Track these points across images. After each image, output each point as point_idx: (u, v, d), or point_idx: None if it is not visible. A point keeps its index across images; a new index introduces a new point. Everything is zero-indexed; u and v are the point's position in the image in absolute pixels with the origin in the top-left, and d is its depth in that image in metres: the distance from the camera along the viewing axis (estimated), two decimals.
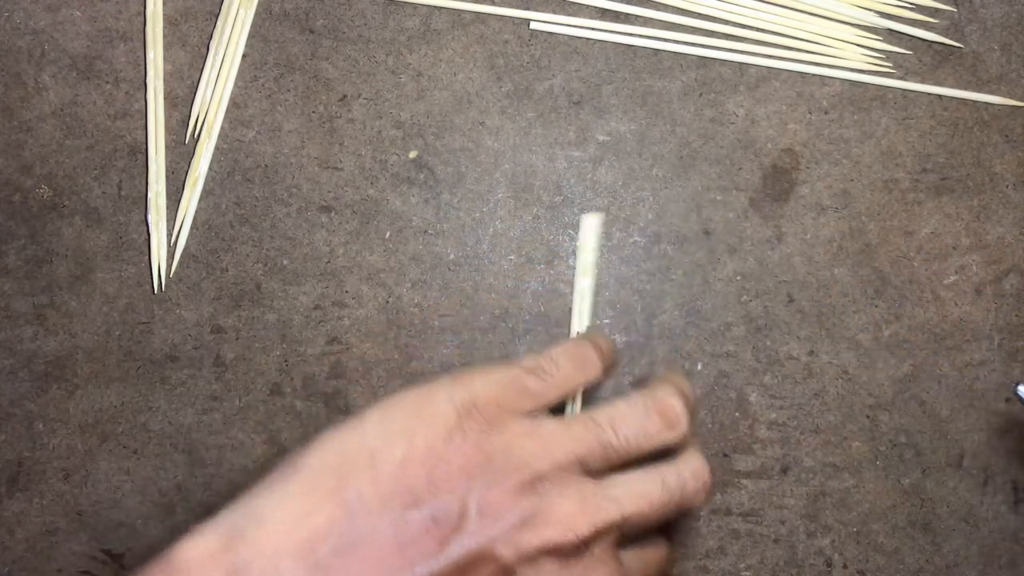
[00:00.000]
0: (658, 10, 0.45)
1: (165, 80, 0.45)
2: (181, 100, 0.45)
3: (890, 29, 0.45)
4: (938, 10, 0.45)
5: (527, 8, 0.45)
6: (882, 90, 0.45)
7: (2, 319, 0.43)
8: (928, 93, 0.45)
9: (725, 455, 0.42)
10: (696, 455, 0.36)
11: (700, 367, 0.43)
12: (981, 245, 0.44)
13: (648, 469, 0.35)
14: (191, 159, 0.44)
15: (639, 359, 0.43)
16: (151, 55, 0.45)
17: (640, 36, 0.45)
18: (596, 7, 0.45)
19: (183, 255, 0.44)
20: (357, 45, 0.45)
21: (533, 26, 0.45)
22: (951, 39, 0.45)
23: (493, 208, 0.44)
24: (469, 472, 0.32)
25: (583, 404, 0.37)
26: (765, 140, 0.44)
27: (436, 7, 0.45)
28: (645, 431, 0.35)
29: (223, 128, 0.44)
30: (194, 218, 0.44)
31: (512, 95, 0.45)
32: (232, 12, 0.45)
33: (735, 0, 0.45)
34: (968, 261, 0.44)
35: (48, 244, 0.43)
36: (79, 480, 0.42)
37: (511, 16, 0.45)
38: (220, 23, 0.45)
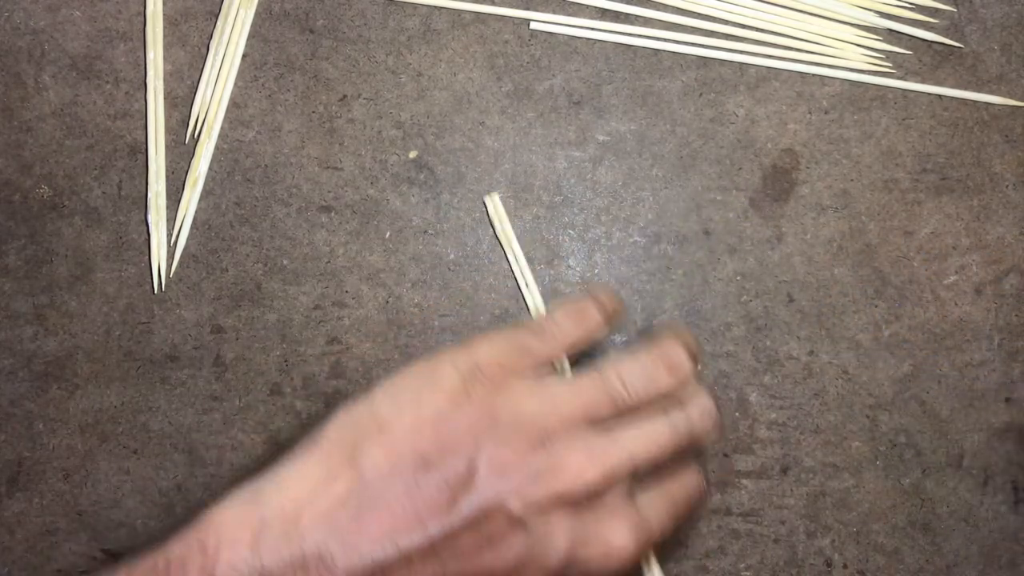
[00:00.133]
0: (658, 10, 0.45)
1: (165, 80, 0.45)
2: (181, 100, 0.45)
3: (890, 29, 0.45)
4: (938, 10, 0.46)
5: (527, 8, 0.45)
6: (882, 90, 0.45)
7: (2, 319, 0.43)
8: (928, 93, 0.45)
9: (725, 455, 0.42)
10: (702, 393, 0.37)
11: (700, 367, 0.43)
12: (981, 245, 0.44)
13: (655, 412, 0.36)
14: (191, 159, 0.44)
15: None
16: (151, 55, 0.45)
17: (640, 36, 0.45)
18: (596, 7, 0.45)
19: (183, 255, 0.44)
20: (357, 45, 0.45)
21: (533, 26, 0.45)
22: (951, 39, 0.45)
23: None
24: (476, 433, 0.33)
25: (594, 359, 0.37)
26: (765, 140, 0.44)
27: (436, 7, 0.45)
28: (651, 381, 0.36)
29: (223, 128, 0.44)
30: (194, 218, 0.44)
31: (512, 95, 0.45)
32: (232, 12, 0.45)
33: (735, 0, 0.45)
34: (968, 261, 0.44)
35: (48, 244, 0.43)
36: (79, 480, 0.42)
37: (511, 16, 0.45)
38: (220, 23, 0.45)
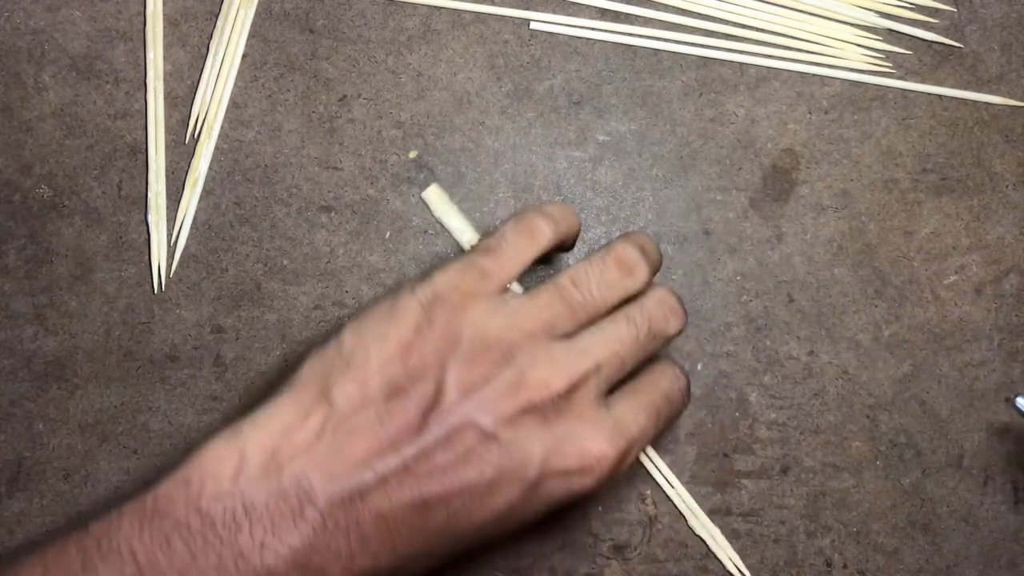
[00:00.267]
0: (658, 10, 0.45)
1: (165, 80, 0.45)
2: (181, 100, 0.45)
3: (890, 29, 0.45)
4: (938, 10, 0.46)
5: (527, 8, 0.45)
6: (882, 90, 0.45)
7: (2, 319, 0.43)
8: (928, 93, 0.45)
9: (725, 455, 0.42)
10: (659, 288, 0.38)
11: (700, 367, 0.43)
12: (981, 245, 0.44)
13: (615, 316, 0.37)
14: (191, 159, 0.44)
15: None
16: (151, 55, 0.45)
17: (640, 36, 0.45)
18: (596, 7, 0.45)
19: (183, 255, 0.44)
20: (357, 45, 0.45)
21: (533, 26, 0.45)
22: (951, 39, 0.45)
23: (493, 208, 0.44)
24: (441, 356, 0.34)
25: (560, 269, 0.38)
26: (765, 140, 0.44)
27: (436, 7, 0.45)
28: (605, 282, 0.36)
29: (223, 128, 0.44)
30: (194, 218, 0.44)
31: (512, 95, 0.45)
32: (232, 12, 0.45)
33: (735, 0, 0.45)
34: (968, 261, 0.44)
35: (48, 244, 0.43)
36: (79, 480, 0.42)
37: (511, 16, 0.45)
38: (220, 23, 0.45)
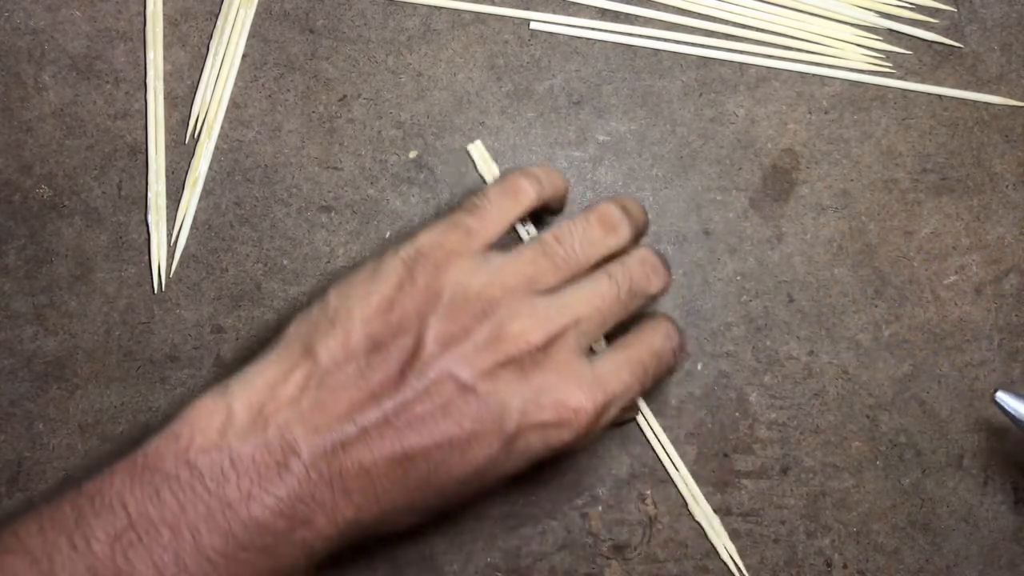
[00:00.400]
0: (658, 10, 0.45)
1: (165, 80, 0.45)
2: (181, 100, 0.45)
3: (890, 29, 0.45)
4: (938, 10, 0.46)
5: (527, 8, 0.45)
6: (882, 90, 0.45)
7: (2, 319, 0.43)
8: (928, 93, 0.45)
9: (725, 455, 0.42)
10: (642, 248, 0.39)
11: (700, 367, 0.43)
12: (981, 245, 0.44)
13: (596, 273, 0.37)
14: (191, 159, 0.44)
15: None
16: (151, 55, 0.45)
17: (640, 36, 0.45)
18: (596, 7, 0.45)
19: (183, 255, 0.44)
20: (357, 45, 0.45)
21: (533, 26, 0.45)
22: (951, 39, 0.45)
23: None
24: (422, 311, 0.35)
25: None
26: (765, 140, 0.44)
27: (436, 7, 0.45)
28: (588, 239, 0.37)
29: (223, 128, 0.44)
30: (194, 218, 0.44)
31: (512, 95, 0.45)
32: (232, 12, 0.45)
33: (735, 0, 0.45)
34: (968, 261, 0.44)
35: (48, 244, 0.43)
36: (79, 480, 0.42)
37: (511, 16, 0.45)
38: (220, 23, 0.45)
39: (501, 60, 0.45)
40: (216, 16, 0.45)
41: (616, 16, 0.45)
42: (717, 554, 0.42)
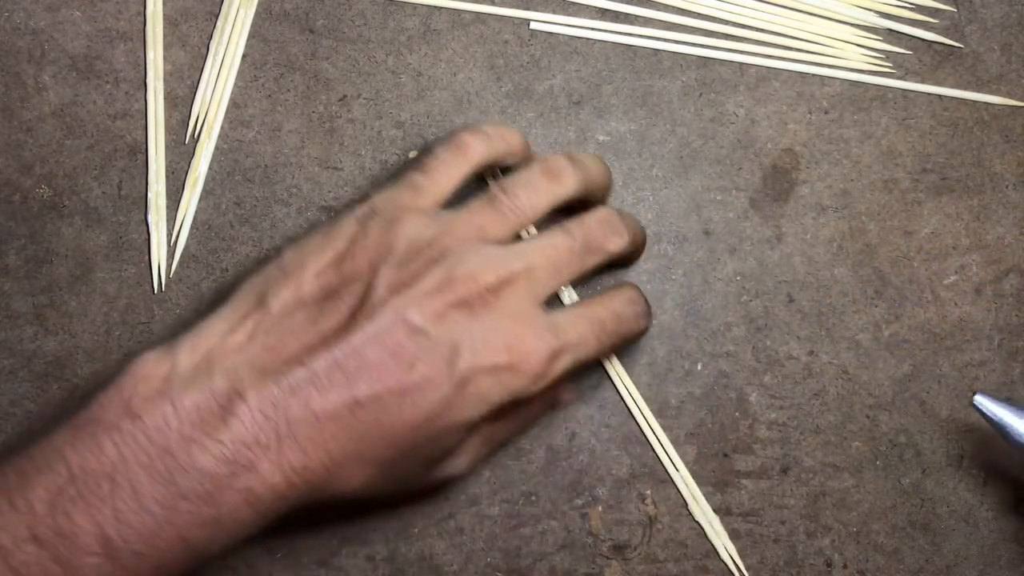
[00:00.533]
0: (658, 10, 0.45)
1: (165, 80, 0.45)
2: (181, 100, 0.45)
3: (890, 29, 0.45)
4: (938, 10, 0.46)
5: (527, 8, 0.45)
6: (882, 90, 0.45)
7: (2, 319, 0.43)
8: (928, 93, 0.45)
9: (725, 455, 0.42)
10: (603, 207, 0.39)
11: (700, 367, 0.43)
12: (981, 245, 0.44)
13: (552, 228, 0.38)
14: (191, 159, 0.44)
15: (639, 359, 0.43)
16: (151, 55, 0.45)
17: (640, 36, 0.45)
18: (596, 7, 0.45)
19: (183, 255, 0.44)
20: (357, 45, 0.45)
21: (533, 26, 0.45)
22: (951, 39, 0.45)
23: None
24: (374, 261, 0.35)
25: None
26: (765, 140, 0.44)
27: (436, 7, 0.45)
28: (531, 186, 0.38)
29: (223, 128, 0.44)
30: (194, 218, 0.44)
31: (512, 95, 0.45)
32: (232, 12, 0.45)
33: (735, 0, 0.45)
34: (968, 261, 0.44)
35: (48, 244, 0.43)
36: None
37: (511, 16, 0.45)
38: (220, 23, 0.45)
39: (501, 60, 0.45)
40: (216, 16, 0.45)
41: (616, 16, 0.45)
42: (717, 554, 0.42)
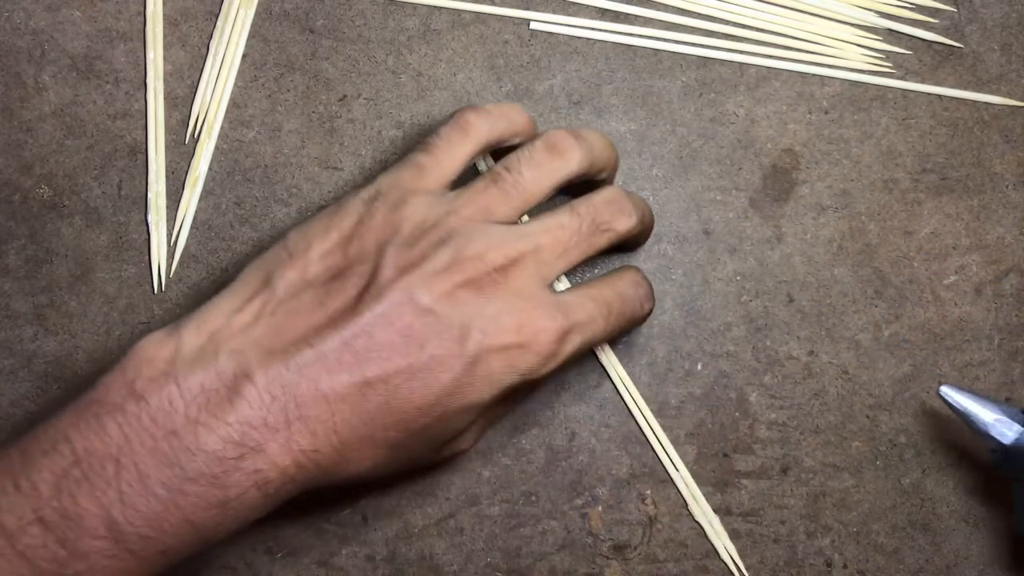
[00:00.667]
0: (658, 10, 0.45)
1: (165, 80, 0.45)
2: (181, 100, 0.45)
3: (890, 29, 0.45)
4: (938, 10, 0.46)
5: (527, 8, 0.45)
6: (882, 90, 0.45)
7: (2, 319, 0.43)
8: (928, 93, 0.45)
9: (725, 455, 0.42)
10: (610, 187, 0.39)
11: (700, 367, 0.43)
12: (981, 245, 0.44)
13: (559, 207, 0.38)
14: (191, 159, 0.44)
15: (639, 359, 0.43)
16: (151, 55, 0.45)
17: (640, 36, 0.45)
18: (596, 7, 0.45)
19: (183, 255, 0.44)
20: (357, 45, 0.45)
21: (533, 26, 0.45)
22: (951, 39, 0.45)
23: None
24: (380, 242, 0.35)
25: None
26: (765, 140, 0.44)
27: (436, 7, 0.45)
28: (534, 163, 0.37)
29: (223, 128, 0.44)
30: (194, 218, 0.44)
31: (512, 95, 0.45)
32: (232, 12, 0.45)
33: (735, 0, 0.45)
34: (968, 261, 0.44)
35: (48, 244, 0.43)
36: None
37: (511, 16, 0.45)
38: (220, 23, 0.45)
39: (501, 60, 0.45)
40: (216, 16, 0.45)
41: (616, 16, 0.45)
42: (717, 554, 0.42)
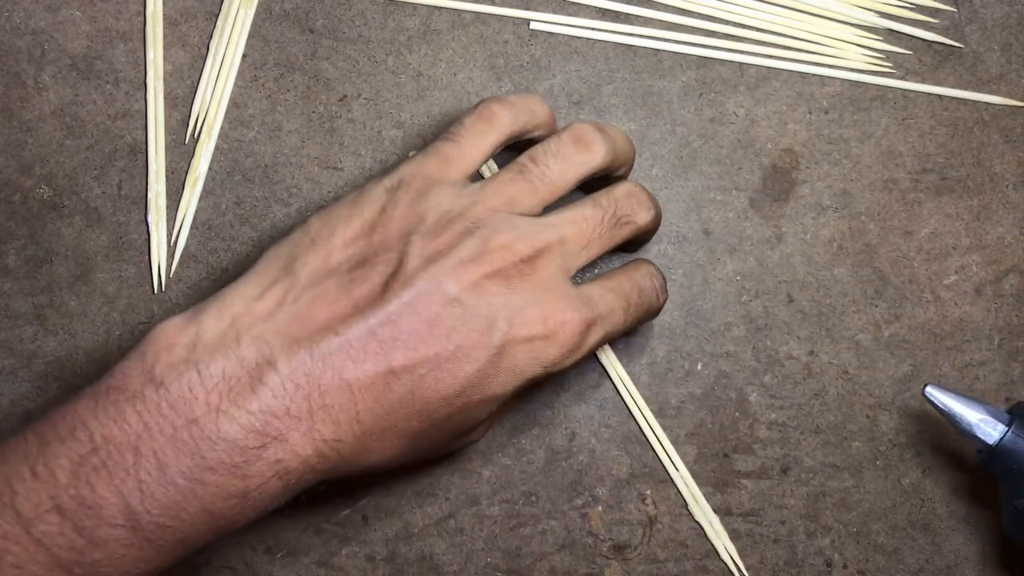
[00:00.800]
0: (658, 10, 0.45)
1: (165, 80, 0.45)
2: (181, 100, 0.45)
3: (890, 29, 0.45)
4: (938, 10, 0.46)
5: (527, 8, 0.45)
6: (882, 90, 0.45)
7: (2, 319, 0.43)
8: (928, 93, 0.45)
9: (725, 455, 0.42)
10: (630, 182, 0.39)
11: (700, 367, 0.43)
12: (981, 245, 0.44)
13: (581, 200, 0.38)
14: (191, 159, 0.44)
15: (639, 359, 0.43)
16: (151, 55, 0.45)
17: (640, 36, 0.45)
18: (596, 7, 0.45)
19: (183, 255, 0.44)
20: (357, 45, 0.45)
21: (533, 26, 0.45)
22: (951, 39, 0.45)
23: None
24: (405, 232, 0.35)
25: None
26: (765, 140, 0.44)
27: (436, 7, 0.45)
28: (560, 155, 0.37)
29: (223, 128, 0.44)
30: (194, 218, 0.44)
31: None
32: (232, 12, 0.45)
33: (735, 0, 0.45)
34: (968, 261, 0.44)
35: (48, 244, 0.43)
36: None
37: (511, 16, 0.45)
38: (220, 23, 0.45)
39: (501, 60, 0.45)
40: (216, 16, 0.45)
41: (616, 16, 0.45)
42: (717, 554, 0.42)
